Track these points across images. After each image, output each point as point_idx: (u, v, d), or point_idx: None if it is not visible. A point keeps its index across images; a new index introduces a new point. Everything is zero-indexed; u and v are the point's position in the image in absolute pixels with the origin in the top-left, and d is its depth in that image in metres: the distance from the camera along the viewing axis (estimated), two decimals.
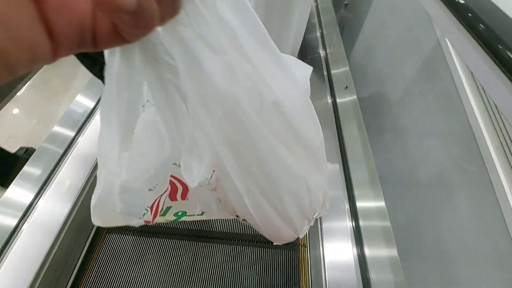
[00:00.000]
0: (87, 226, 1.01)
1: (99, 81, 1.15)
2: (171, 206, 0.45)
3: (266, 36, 0.26)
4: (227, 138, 0.28)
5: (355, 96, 1.46)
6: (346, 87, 1.36)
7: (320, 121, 0.36)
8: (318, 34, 1.94)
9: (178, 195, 0.42)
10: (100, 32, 0.16)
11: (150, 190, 0.35)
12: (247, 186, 0.31)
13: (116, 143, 0.28)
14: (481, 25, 0.37)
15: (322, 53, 1.82)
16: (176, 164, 0.36)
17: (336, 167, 1.16)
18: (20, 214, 0.83)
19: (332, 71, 1.67)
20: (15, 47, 0.13)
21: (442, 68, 1.04)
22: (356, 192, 1.04)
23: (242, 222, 0.39)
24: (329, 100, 1.49)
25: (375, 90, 1.74)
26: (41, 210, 0.84)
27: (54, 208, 0.86)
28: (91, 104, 1.23)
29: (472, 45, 0.38)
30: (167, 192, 0.41)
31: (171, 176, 0.38)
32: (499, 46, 0.35)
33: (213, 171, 0.32)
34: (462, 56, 0.40)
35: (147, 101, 0.37)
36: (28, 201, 0.84)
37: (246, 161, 0.30)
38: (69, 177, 0.91)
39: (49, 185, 0.87)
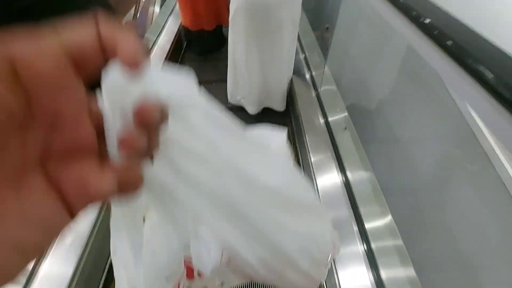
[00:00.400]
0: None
1: None
2: (191, 287, 0.46)
3: (237, 130, 0.28)
4: (228, 223, 0.30)
5: (346, 113, 1.50)
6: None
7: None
8: (302, 56, 2.02)
9: (195, 273, 0.44)
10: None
11: (167, 278, 0.37)
12: (257, 257, 0.33)
13: (131, 260, 0.30)
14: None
15: (307, 74, 1.88)
16: (187, 246, 0.38)
17: (337, 186, 1.16)
18: None
19: (321, 90, 1.72)
20: (45, 238, 0.15)
21: (428, 70, 1.07)
22: (362, 210, 1.04)
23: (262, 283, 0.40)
24: (321, 120, 1.52)
25: (365, 102, 1.78)
26: None
27: None
28: None
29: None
30: (184, 274, 0.43)
31: (185, 258, 0.40)
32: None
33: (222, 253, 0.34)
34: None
35: None
36: None
37: (251, 238, 0.32)
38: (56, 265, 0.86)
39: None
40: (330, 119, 1.51)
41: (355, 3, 1.62)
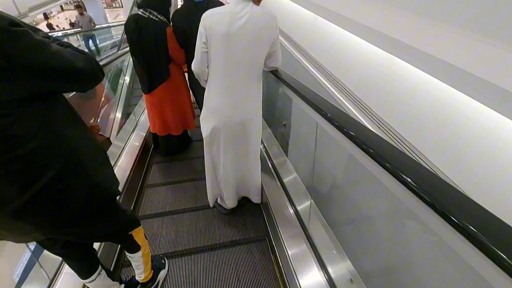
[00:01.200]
0: None
1: None
2: None
3: None
4: None
5: (310, 201, 1.62)
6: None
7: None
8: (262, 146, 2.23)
9: None
10: None
11: None
12: None
13: None
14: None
15: (269, 163, 2.05)
16: None
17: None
18: None
19: (284, 180, 1.86)
20: None
21: None
22: None
23: None
24: (291, 210, 1.61)
25: (326, 186, 1.95)
26: None
27: None
28: None
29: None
30: None
31: None
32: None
33: None
34: None
35: None
36: None
37: None
38: None
39: None
40: (298, 207, 1.61)
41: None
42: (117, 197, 0.96)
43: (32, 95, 0.64)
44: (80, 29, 7.24)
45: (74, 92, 1.83)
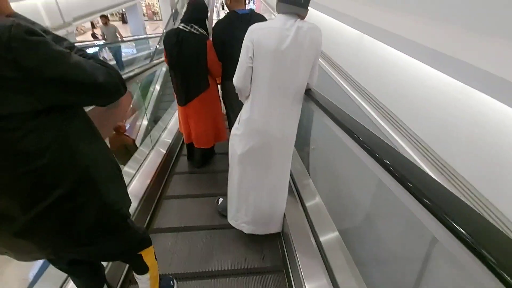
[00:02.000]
0: None
1: None
2: None
3: None
4: None
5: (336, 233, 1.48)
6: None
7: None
8: None
9: None
10: None
11: None
12: None
13: None
14: None
15: (292, 185, 1.94)
16: None
17: None
18: None
19: (307, 204, 1.73)
20: None
21: None
22: None
23: None
24: (313, 241, 1.47)
25: (354, 219, 1.80)
26: None
27: None
28: None
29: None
30: None
31: None
32: None
33: None
34: None
35: None
36: None
37: None
38: None
39: None
40: (321, 238, 1.47)
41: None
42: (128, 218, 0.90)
43: (47, 107, 0.60)
44: (103, 41, 6.85)
45: None
